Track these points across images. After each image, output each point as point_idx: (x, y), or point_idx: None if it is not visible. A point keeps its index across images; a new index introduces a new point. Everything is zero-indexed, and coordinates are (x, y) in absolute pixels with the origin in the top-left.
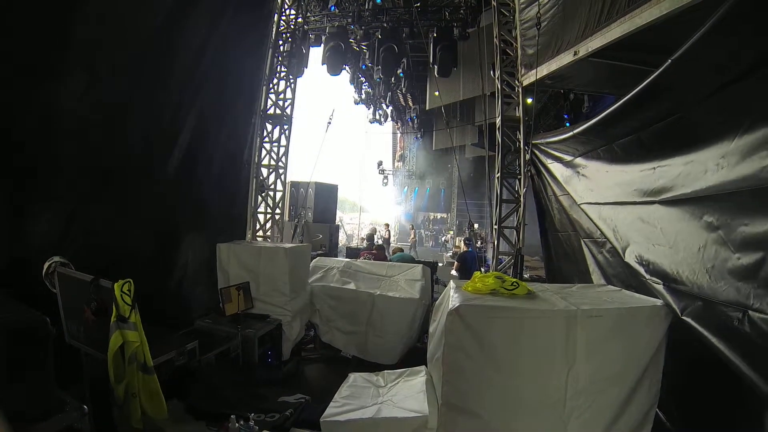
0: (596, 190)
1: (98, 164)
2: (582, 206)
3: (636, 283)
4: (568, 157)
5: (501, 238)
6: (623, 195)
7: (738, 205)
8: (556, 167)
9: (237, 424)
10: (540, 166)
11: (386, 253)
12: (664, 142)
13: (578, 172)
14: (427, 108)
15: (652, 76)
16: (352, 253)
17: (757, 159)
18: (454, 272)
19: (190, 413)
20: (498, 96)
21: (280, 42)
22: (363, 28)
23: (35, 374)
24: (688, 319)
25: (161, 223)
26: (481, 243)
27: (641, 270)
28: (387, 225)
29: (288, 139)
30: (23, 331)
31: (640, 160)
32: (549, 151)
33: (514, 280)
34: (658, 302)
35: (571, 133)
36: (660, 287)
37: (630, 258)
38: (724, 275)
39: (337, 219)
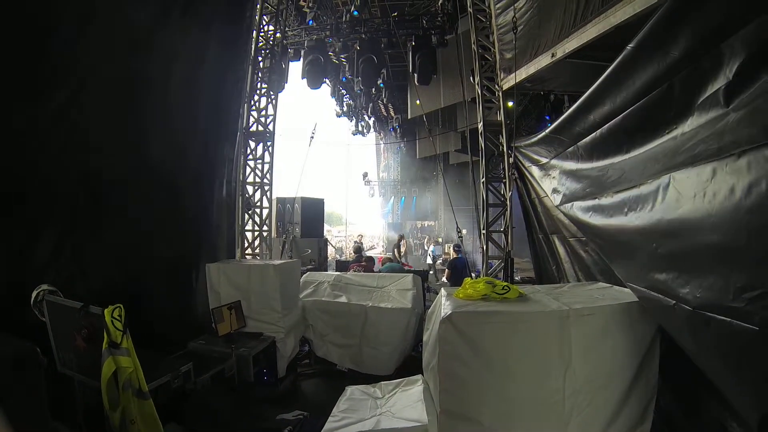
0: (569, 190)
1: (85, 188)
2: (560, 207)
3: (616, 281)
4: (544, 159)
5: (490, 243)
6: (588, 194)
7: (654, 196)
8: (535, 169)
9: None
10: (523, 168)
11: None
12: (618, 140)
13: (552, 174)
14: (409, 117)
15: (610, 68)
16: (342, 266)
17: (688, 150)
18: (444, 279)
19: None
20: (479, 101)
21: (260, 58)
22: (341, 40)
23: (28, 404)
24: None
25: (149, 246)
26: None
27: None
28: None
29: (272, 155)
30: (14, 362)
31: (599, 159)
32: (529, 153)
33: (505, 284)
34: None
35: (543, 134)
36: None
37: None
38: (651, 267)
39: (325, 233)
